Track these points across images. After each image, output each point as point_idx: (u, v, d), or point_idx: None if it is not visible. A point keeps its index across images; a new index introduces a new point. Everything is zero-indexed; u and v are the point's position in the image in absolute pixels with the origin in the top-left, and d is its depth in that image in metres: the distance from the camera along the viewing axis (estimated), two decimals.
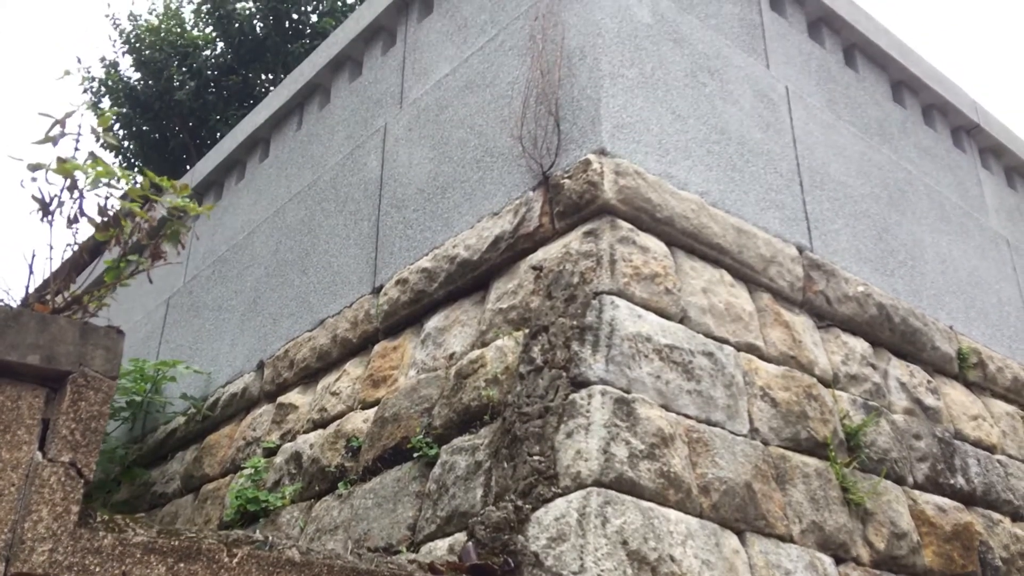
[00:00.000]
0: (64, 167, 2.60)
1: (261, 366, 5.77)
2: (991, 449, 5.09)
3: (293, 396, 5.37)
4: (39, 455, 2.44)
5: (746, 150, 4.72)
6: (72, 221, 2.66)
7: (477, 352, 4.09)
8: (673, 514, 3.27)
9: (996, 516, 4.73)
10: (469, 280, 4.43)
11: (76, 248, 2.69)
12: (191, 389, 6.35)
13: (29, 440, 2.44)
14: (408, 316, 4.77)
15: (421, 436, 4.05)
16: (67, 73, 2.95)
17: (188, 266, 7.26)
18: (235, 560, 2.60)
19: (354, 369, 5.00)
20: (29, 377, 2.50)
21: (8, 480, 2.38)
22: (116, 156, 11.42)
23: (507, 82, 4.65)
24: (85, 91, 11.03)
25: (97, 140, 9.85)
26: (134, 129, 11.45)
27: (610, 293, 3.68)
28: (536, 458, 3.35)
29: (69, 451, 2.44)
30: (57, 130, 2.71)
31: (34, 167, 2.56)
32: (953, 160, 6.61)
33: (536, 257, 4.10)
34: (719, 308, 4.07)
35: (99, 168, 2.67)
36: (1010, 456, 5.19)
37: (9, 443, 2.41)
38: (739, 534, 3.49)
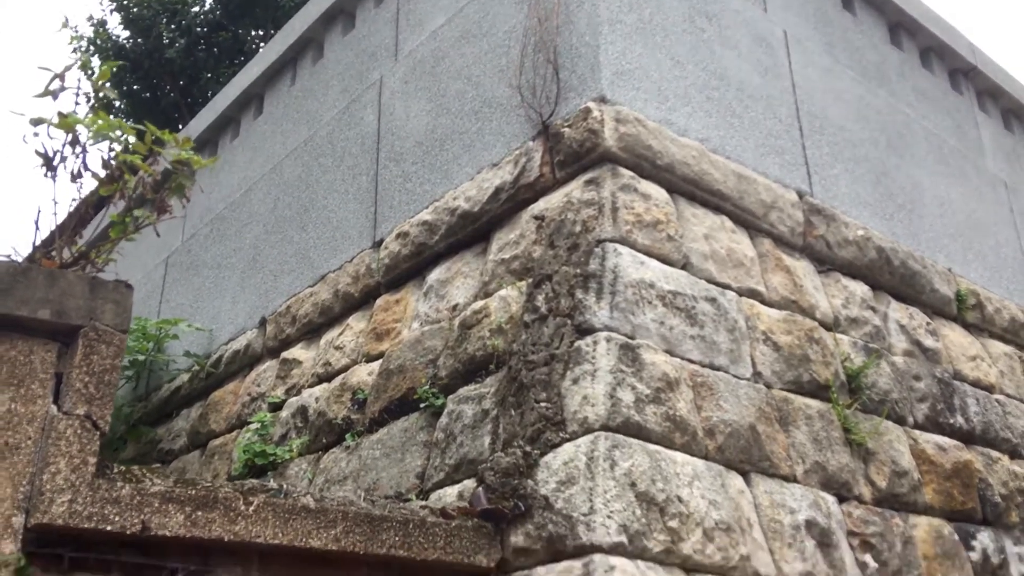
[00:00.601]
0: (66, 121, 2.59)
1: (263, 322, 5.79)
2: (989, 389, 5.15)
3: (296, 351, 5.40)
4: (54, 408, 2.46)
5: (745, 95, 4.70)
6: (76, 176, 2.65)
7: (480, 303, 4.11)
8: (680, 456, 3.31)
9: (995, 454, 4.80)
10: (470, 232, 4.43)
11: (80, 203, 2.68)
12: (194, 347, 6.37)
13: (43, 394, 2.46)
14: (409, 269, 4.77)
15: (427, 387, 4.08)
16: (64, 25, 2.91)
17: (186, 225, 7.24)
18: (251, 508, 2.64)
19: (357, 323, 5.02)
20: (40, 332, 2.51)
21: (24, 433, 2.41)
22: (108, 114, 11.24)
23: (504, 31, 4.61)
24: (74, 50, 10.88)
25: (88, 101, 9.75)
26: (124, 88, 11.32)
27: (612, 241, 3.69)
28: (543, 405, 3.38)
29: (84, 404, 2.46)
30: (56, 84, 2.69)
31: (36, 121, 2.54)
32: (951, 103, 6.59)
33: (537, 207, 4.10)
34: (721, 254, 4.08)
35: (100, 122, 2.66)
36: (1008, 395, 5.25)
37: (24, 397, 2.43)
38: (744, 475, 3.54)
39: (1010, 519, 4.58)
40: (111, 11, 11.63)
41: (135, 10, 11.32)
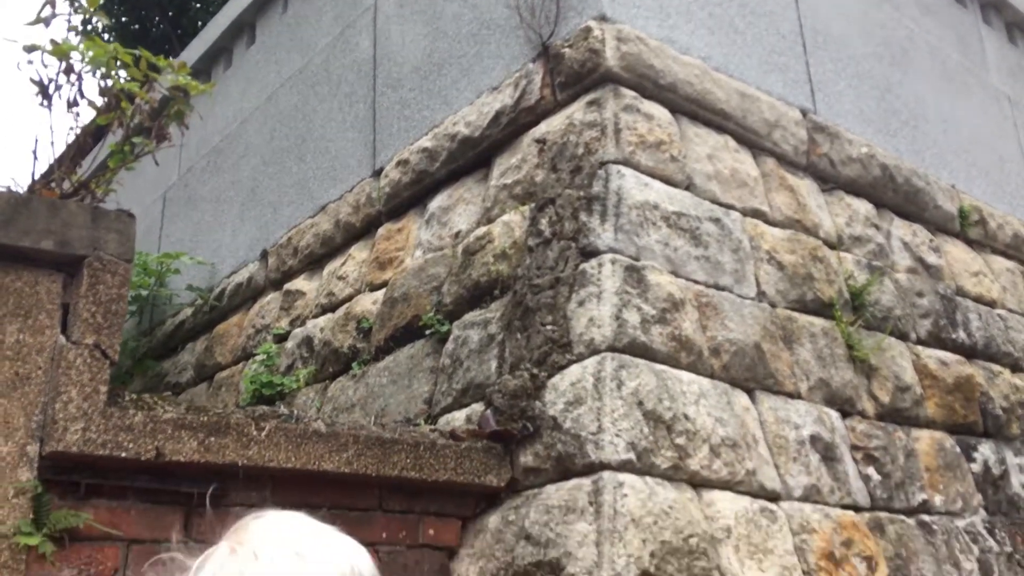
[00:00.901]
0: (60, 48, 2.53)
1: (265, 255, 5.78)
2: (991, 304, 5.16)
3: (299, 283, 5.40)
4: (62, 338, 2.46)
5: (748, 11, 4.61)
6: (72, 104, 2.61)
7: (483, 229, 4.09)
8: (685, 375, 3.33)
9: (996, 368, 4.84)
10: (471, 157, 4.39)
11: (78, 132, 2.64)
12: (196, 281, 6.37)
13: (51, 324, 2.46)
14: (411, 197, 4.74)
15: (432, 314, 4.09)
16: None
17: (181, 159, 7.17)
18: (263, 433, 2.66)
19: (359, 253, 5.00)
20: (44, 263, 2.50)
21: (34, 364, 2.41)
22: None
23: None
24: None
25: (78, 33, 9.54)
26: (112, 20, 11.13)
27: (616, 162, 3.66)
28: (549, 328, 3.39)
29: (92, 333, 2.46)
30: (48, 11, 2.63)
31: (29, 48, 2.49)
32: (954, 16, 6.47)
33: (539, 130, 4.05)
34: (724, 174, 4.05)
35: (95, 50, 2.60)
36: (1010, 310, 5.27)
37: (32, 328, 2.43)
38: (749, 392, 3.57)
39: (1011, 431, 4.63)
40: None
41: None
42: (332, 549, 1.40)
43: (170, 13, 11.28)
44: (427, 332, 4.06)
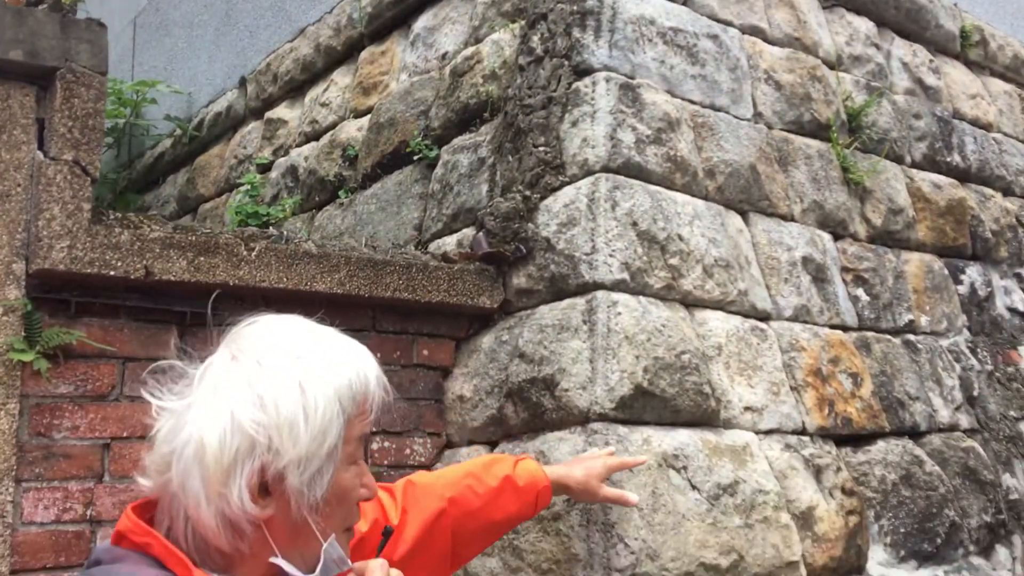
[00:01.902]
0: None
1: (243, 82, 5.58)
2: (987, 127, 5.08)
3: (281, 111, 5.24)
4: (40, 155, 2.37)
5: None
6: None
7: (471, 49, 3.93)
8: (680, 197, 3.28)
9: (988, 191, 4.82)
10: None
11: None
12: (173, 111, 6.18)
13: (27, 140, 2.36)
14: (394, 18, 4.54)
15: (419, 139, 3.98)
16: None
17: None
18: (254, 253, 2.62)
19: (342, 78, 4.83)
20: (14, 75, 2.38)
21: (13, 180, 2.33)
22: None
23: None
24: None
25: None
26: None
27: None
28: (541, 149, 3.31)
29: (70, 149, 2.37)
30: None
31: None
32: None
33: None
34: None
35: None
36: (1005, 134, 5.20)
37: (7, 143, 2.33)
38: (743, 214, 3.54)
39: (999, 254, 4.66)
40: None
41: None
42: (333, 351, 1.39)
43: None
44: (415, 158, 3.97)
